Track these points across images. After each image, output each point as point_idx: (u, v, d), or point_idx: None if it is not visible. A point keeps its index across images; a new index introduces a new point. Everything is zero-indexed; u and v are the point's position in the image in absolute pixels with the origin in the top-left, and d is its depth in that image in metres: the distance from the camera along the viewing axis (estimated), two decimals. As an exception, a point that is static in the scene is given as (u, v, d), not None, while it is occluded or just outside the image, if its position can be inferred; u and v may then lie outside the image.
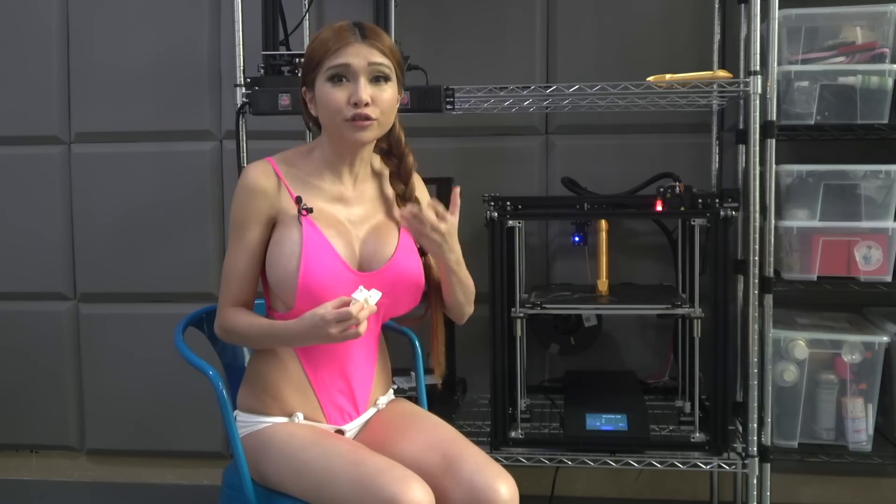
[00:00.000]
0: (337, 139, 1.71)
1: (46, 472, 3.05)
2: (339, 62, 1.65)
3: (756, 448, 2.27)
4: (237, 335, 1.73)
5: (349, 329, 1.56)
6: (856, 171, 2.28)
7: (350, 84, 1.65)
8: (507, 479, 1.59)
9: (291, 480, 1.63)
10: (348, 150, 1.72)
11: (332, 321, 1.55)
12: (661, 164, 2.58)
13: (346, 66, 1.64)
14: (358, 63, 1.64)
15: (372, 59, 1.65)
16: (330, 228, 1.68)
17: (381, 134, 1.72)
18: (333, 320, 1.55)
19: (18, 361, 2.97)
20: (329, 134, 1.72)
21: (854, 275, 2.29)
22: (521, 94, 2.32)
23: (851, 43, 2.33)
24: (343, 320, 1.54)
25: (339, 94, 1.65)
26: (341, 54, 1.65)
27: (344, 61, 1.64)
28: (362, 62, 1.65)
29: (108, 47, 2.87)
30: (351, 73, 1.65)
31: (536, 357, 2.69)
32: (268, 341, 1.71)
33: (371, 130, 1.68)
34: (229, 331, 1.73)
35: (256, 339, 1.72)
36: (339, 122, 1.66)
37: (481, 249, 2.32)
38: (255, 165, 1.72)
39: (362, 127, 1.66)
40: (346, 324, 1.55)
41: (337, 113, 1.65)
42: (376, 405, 1.81)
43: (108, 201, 2.90)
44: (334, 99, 1.65)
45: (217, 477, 1.88)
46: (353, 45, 1.65)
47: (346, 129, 1.66)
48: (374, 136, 1.70)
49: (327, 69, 1.66)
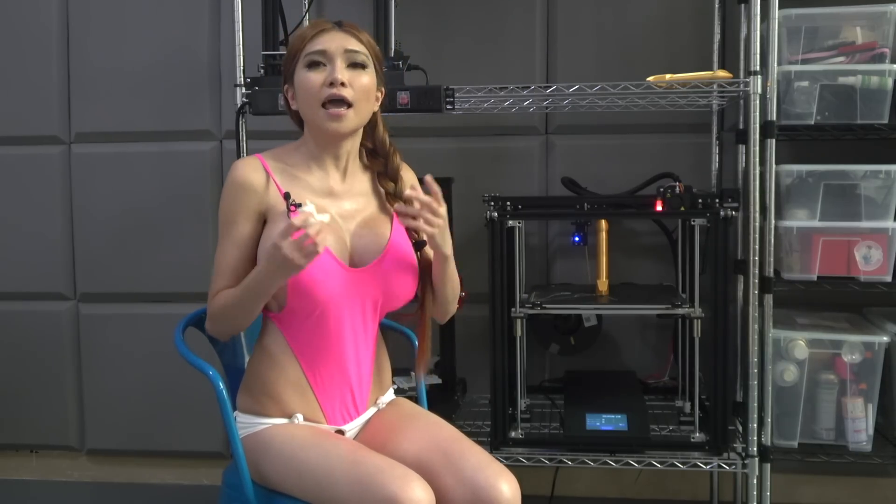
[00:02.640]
0: (317, 131, 1.71)
1: (46, 472, 3.05)
2: (316, 48, 1.67)
3: (756, 448, 2.27)
4: (219, 315, 1.68)
5: (305, 244, 1.51)
6: (856, 171, 2.29)
7: (327, 68, 1.67)
8: (508, 477, 1.59)
9: (291, 481, 1.63)
10: (330, 142, 1.72)
11: (280, 241, 1.51)
12: (661, 164, 2.58)
13: (323, 51, 1.67)
14: (334, 47, 1.67)
15: (348, 46, 1.68)
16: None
17: (359, 124, 1.71)
18: (281, 239, 1.51)
19: (18, 361, 2.97)
20: (310, 126, 1.72)
21: (854, 275, 2.29)
22: (521, 94, 2.32)
23: (851, 43, 2.33)
24: (288, 235, 1.50)
25: (315, 76, 1.67)
26: (317, 41, 1.68)
27: (320, 47, 1.67)
28: (339, 47, 1.67)
29: (107, 48, 2.88)
30: (327, 57, 1.67)
31: (536, 357, 2.69)
32: (244, 299, 1.64)
33: (347, 120, 1.67)
34: (214, 313, 1.69)
35: (231, 306, 1.66)
36: (316, 110, 1.66)
37: (481, 249, 2.33)
38: (244, 161, 1.72)
39: (338, 116, 1.65)
40: (299, 241, 1.50)
41: (313, 97, 1.66)
42: (376, 405, 1.81)
43: (108, 201, 2.90)
44: (310, 82, 1.66)
45: (217, 477, 1.88)
46: (330, 33, 1.69)
47: (323, 120, 1.66)
48: (351, 127, 1.69)
49: (304, 56, 1.68)
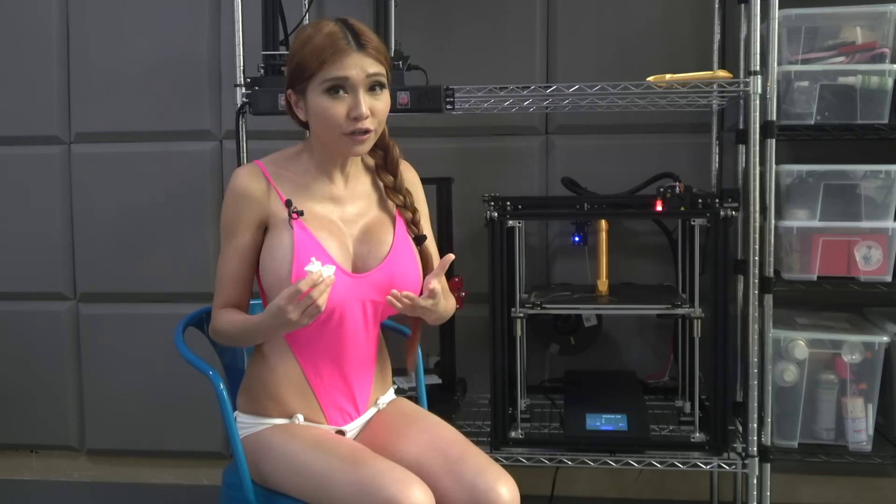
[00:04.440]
0: (331, 149, 1.69)
1: (46, 472, 3.05)
2: (338, 75, 1.60)
3: (756, 448, 2.27)
4: (224, 334, 1.72)
5: (309, 308, 1.53)
6: (856, 171, 2.28)
7: (348, 97, 1.62)
8: (508, 481, 1.59)
9: (291, 481, 1.63)
10: (340, 157, 1.72)
11: (286, 306, 1.52)
12: (661, 164, 2.58)
13: (345, 79, 1.60)
14: (356, 75, 1.61)
15: (370, 70, 1.61)
16: (322, 230, 1.67)
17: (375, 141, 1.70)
18: (287, 304, 1.52)
19: (18, 361, 2.97)
20: (322, 143, 1.70)
21: (854, 275, 2.29)
22: (521, 94, 2.32)
23: (851, 43, 2.33)
24: (294, 300, 1.52)
25: (339, 107, 1.61)
26: (338, 66, 1.60)
27: (342, 74, 1.60)
28: (360, 74, 1.61)
29: (107, 47, 2.87)
30: (349, 85, 1.61)
31: (536, 357, 2.69)
32: (246, 337, 1.69)
33: (368, 143, 1.66)
34: (217, 331, 1.73)
35: (235, 336, 1.70)
36: (337, 137, 1.64)
37: (481, 249, 2.33)
38: (244, 169, 1.71)
39: (360, 141, 1.64)
40: (303, 304, 1.52)
41: (336, 127, 1.63)
42: (377, 405, 1.81)
43: (108, 201, 2.90)
44: (333, 113, 1.61)
45: (217, 477, 1.88)
46: (351, 56, 1.60)
47: (344, 144, 1.65)
48: (370, 147, 1.69)
49: (323, 81, 1.61)
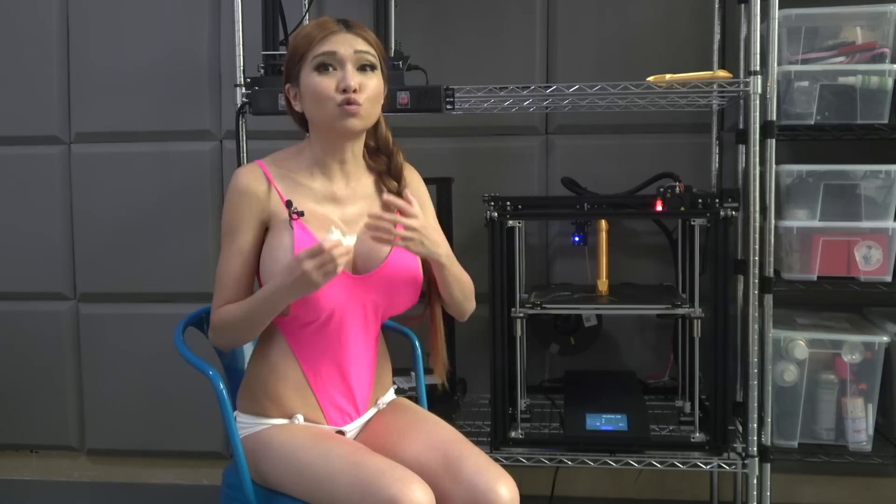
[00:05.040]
0: (325, 133, 1.70)
1: (46, 472, 3.05)
2: (326, 50, 1.65)
3: (756, 448, 2.27)
4: (226, 325, 1.68)
5: (326, 266, 1.53)
6: (856, 171, 2.28)
7: (337, 72, 1.65)
8: (507, 480, 1.59)
9: (291, 481, 1.63)
10: (338, 144, 1.71)
11: (305, 258, 1.53)
12: (661, 164, 2.58)
13: (333, 53, 1.65)
14: (344, 51, 1.65)
15: (358, 47, 1.66)
16: (322, 231, 1.66)
17: (367, 125, 1.71)
18: (307, 257, 1.53)
19: (18, 361, 2.97)
20: (317, 128, 1.71)
21: (854, 275, 2.29)
22: (521, 94, 2.32)
23: (851, 43, 2.33)
24: (316, 255, 1.52)
25: (327, 81, 1.65)
26: (326, 43, 1.65)
27: (330, 49, 1.65)
28: (349, 49, 1.65)
29: (107, 47, 2.87)
30: (337, 60, 1.65)
31: (536, 357, 2.69)
32: (253, 314, 1.64)
33: (361, 118, 1.66)
34: (218, 326, 1.69)
35: (240, 319, 1.65)
36: (330, 109, 1.65)
37: (481, 249, 2.33)
38: (245, 169, 1.71)
39: (352, 113, 1.64)
40: (321, 259, 1.52)
41: (326, 100, 1.64)
42: (377, 405, 1.81)
43: (108, 201, 2.90)
44: (322, 87, 1.64)
45: (217, 477, 1.88)
46: (338, 34, 1.66)
47: (337, 117, 1.65)
48: (362, 126, 1.69)
49: (313, 58, 1.66)
